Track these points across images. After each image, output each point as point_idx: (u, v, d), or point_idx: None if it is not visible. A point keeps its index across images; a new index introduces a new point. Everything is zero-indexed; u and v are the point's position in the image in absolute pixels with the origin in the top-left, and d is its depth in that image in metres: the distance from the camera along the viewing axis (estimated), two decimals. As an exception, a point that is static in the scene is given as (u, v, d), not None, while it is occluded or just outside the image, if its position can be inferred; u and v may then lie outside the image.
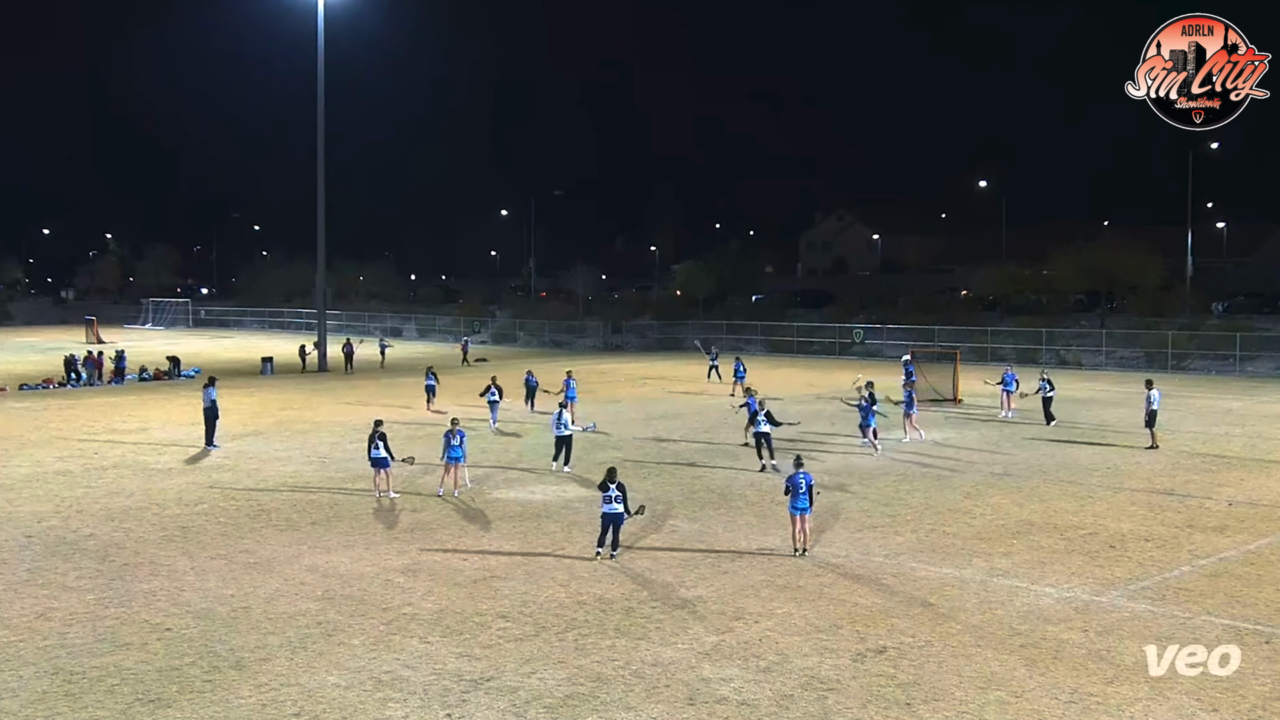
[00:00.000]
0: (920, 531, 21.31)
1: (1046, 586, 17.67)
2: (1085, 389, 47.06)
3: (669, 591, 17.52)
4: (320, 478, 27.19)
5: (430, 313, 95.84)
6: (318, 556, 19.68)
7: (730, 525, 21.96)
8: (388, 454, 24.39)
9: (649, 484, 26.00)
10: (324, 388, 49.45)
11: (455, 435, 24.70)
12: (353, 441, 31.98)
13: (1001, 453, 30.33)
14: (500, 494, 25.10)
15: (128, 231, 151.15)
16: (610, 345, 76.37)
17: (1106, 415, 38.27)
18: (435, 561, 19.29)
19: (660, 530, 21.52)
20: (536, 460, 29.31)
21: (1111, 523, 21.97)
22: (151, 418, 38.68)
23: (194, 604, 17.00)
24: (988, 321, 67.74)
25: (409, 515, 22.98)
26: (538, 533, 21.38)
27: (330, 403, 43.23)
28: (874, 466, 28.24)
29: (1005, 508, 23.38)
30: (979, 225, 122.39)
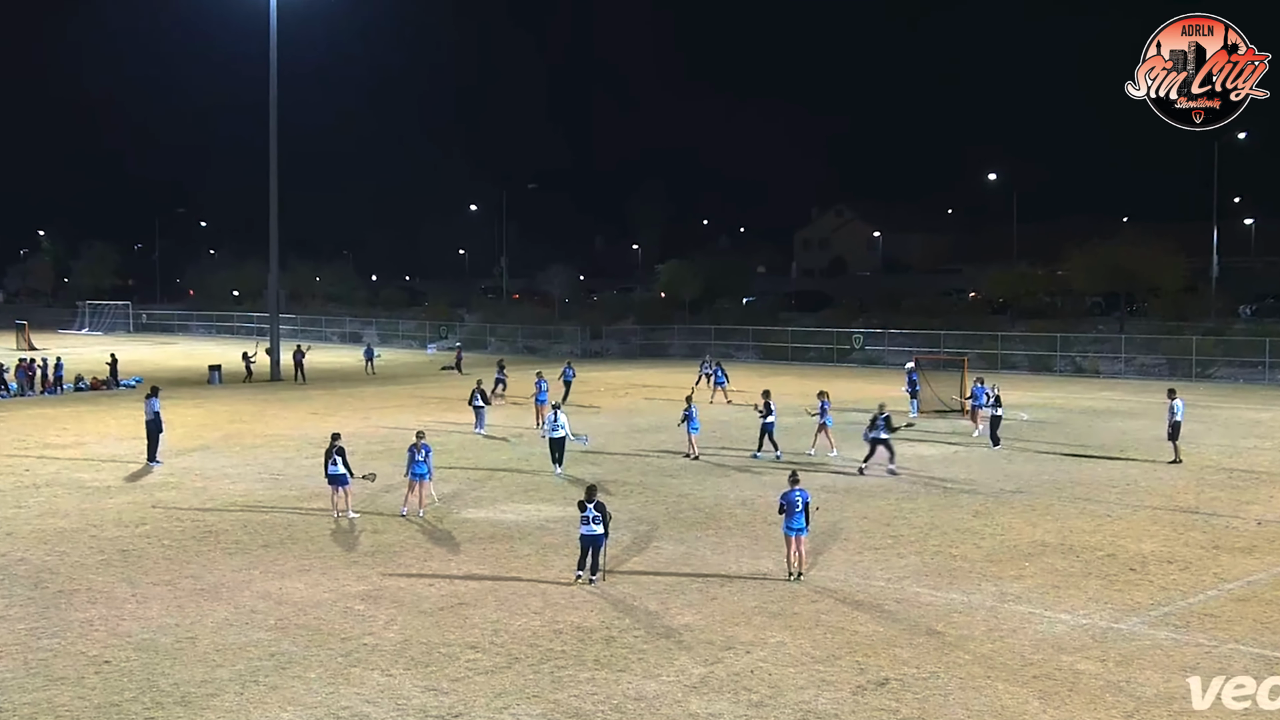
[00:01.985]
0: (925, 553, 21.37)
1: (1061, 613, 17.73)
2: (1103, 399, 47.29)
3: (653, 619, 17.52)
4: (273, 496, 27.11)
5: (393, 316, 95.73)
6: (270, 582, 19.62)
7: (720, 547, 21.97)
8: (346, 470, 24.32)
9: (631, 502, 26.01)
10: (276, 398, 49.32)
11: (420, 450, 24.65)
12: (308, 457, 31.89)
13: (1012, 468, 30.43)
14: (470, 513, 25.06)
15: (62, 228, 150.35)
16: (589, 351, 76.37)
17: (1126, 427, 38.45)
18: (398, 587, 19.25)
19: (644, 553, 21.53)
20: (519, 476, 29.31)
21: (1131, 543, 22.07)
22: (89, 431, 38.52)
23: (135, 634, 16.93)
24: (997, 326, 67.96)
25: (370, 537, 22.92)
26: (510, 556, 21.36)
27: (284, 414, 43.11)
28: (875, 484, 28.31)
29: (1017, 527, 23.46)
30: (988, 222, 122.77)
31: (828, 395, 33.56)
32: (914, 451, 32.88)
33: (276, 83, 58.41)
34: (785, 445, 32.92)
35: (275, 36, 57.75)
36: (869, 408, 43.54)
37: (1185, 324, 62.62)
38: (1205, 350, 56.86)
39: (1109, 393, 49.94)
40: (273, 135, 59.07)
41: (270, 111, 58.88)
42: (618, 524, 22.15)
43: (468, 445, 34.95)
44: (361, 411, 43.84)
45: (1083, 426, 38.70)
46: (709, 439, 35.11)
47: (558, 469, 29.91)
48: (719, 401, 44.98)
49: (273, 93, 58.61)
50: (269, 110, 58.96)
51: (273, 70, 58.23)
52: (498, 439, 36.27)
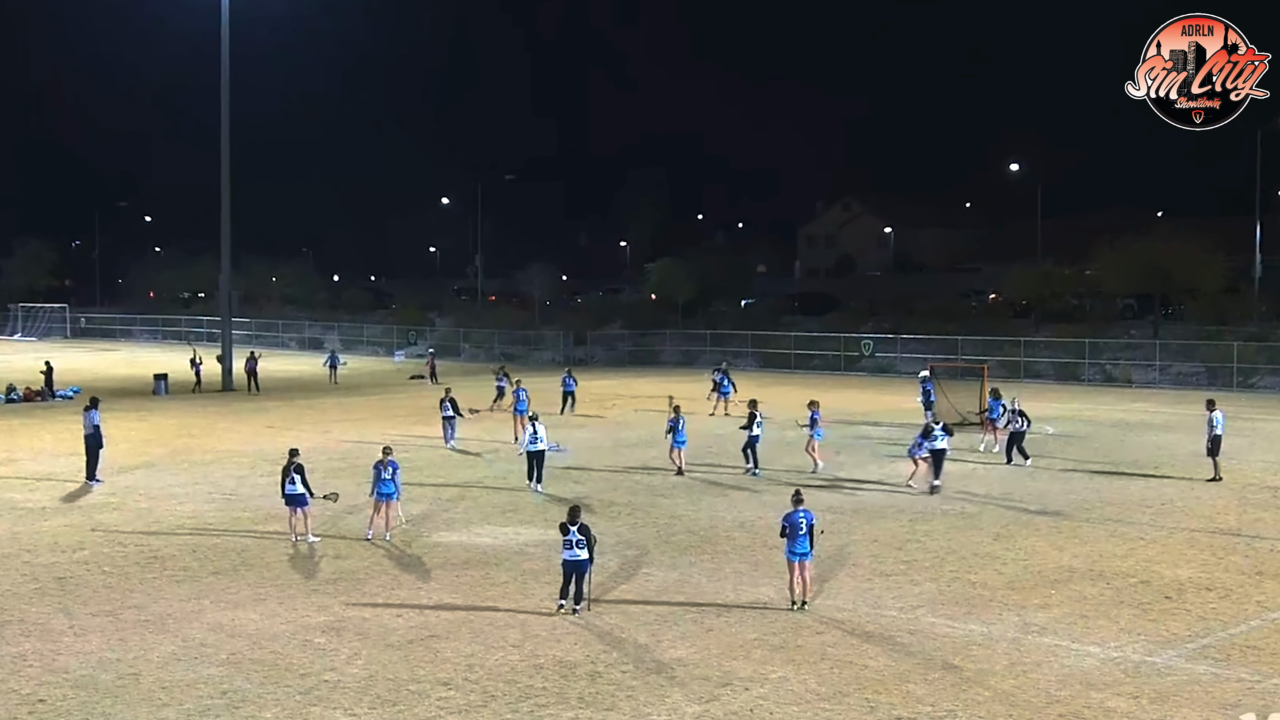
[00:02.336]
0: (941, 580, 21.39)
1: (1090, 645, 17.76)
2: (1136, 410, 47.39)
3: (643, 653, 17.51)
4: (225, 518, 27.05)
5: (357, 320, 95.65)
6: (222, 613, 19.57)
7: (716, 573, 21.97)
8: (306, 490, 24.28)
9: (619, 524, 26.00)
10: (229, 410, 49.23)
11: (387, 467, 24.62)
12: (263, 474, 31.84)
13: (1037, 487, 30.47)
14: (442, 536, 25.03)
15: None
16: (573, 358, 76.37)
17: (1161, 442, 38.52)
18: (363, 618, 19.22)
19: (633, 580, 21.52)
20: (496, 494, 29.29)
21: (1167, 569, 22.11)
22: (21, 447, 38.42)
23: (72, 670, 16.88)
24: (1020, 331, 67.97)
25: (332, 563, 22.89)
26: (486, 583, 21.33)
27: (236, 428, 43.04)
28: (886, 504, 28.34)
29: (1041, 551, 23.49)
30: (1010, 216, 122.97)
31: (818, 405, 33.67)
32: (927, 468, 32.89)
33: (229, 61, 58.32)
34: (781, 462, 32.91)
35: (227, 9, 57.70)
36: (880, 420, 43.87)
37: (1226, 328, 62.61)
38: (1247, 357, 56.99)
39: (1142, 404, 50.05)
40: (224, 120, 58.97)
41: (222, 94, 58.81)
42: (604, 548, 22.10)
43: (439, 461, 34.91)
44: (322, 425, 43.77)
45: (1114, 441, 38.77)
46: (701, 454, 35.11)
47: (536, 486, 30.00)
48: (719, 413, 45.01)
49: (224, 72, 58.52)
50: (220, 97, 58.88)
51: (224, 46, 58.10)
52: (471, 454, 36.25)
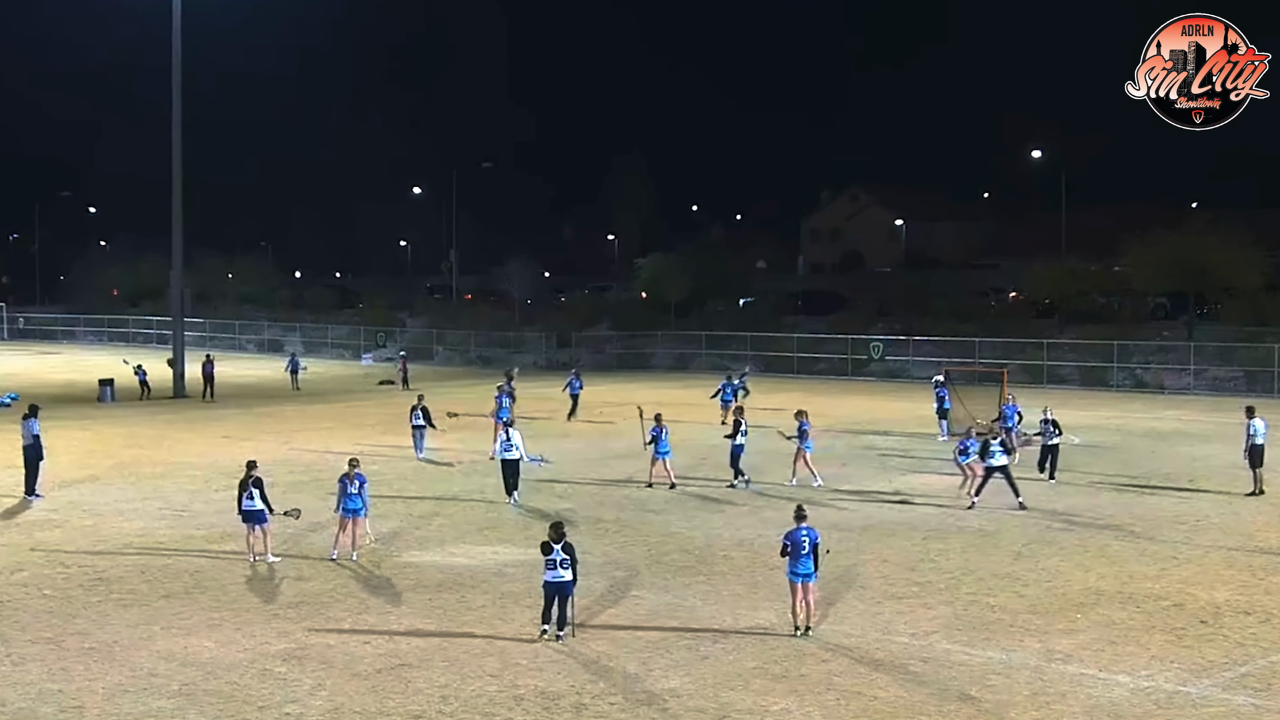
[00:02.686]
0: (957, 603, 21.43)
1: (1119, 674, 17.80)
2: (1168, 418, 47.48)
3: (632, 683, 17.53)
4: (177, 536, 27.01)
5: (320, 321, 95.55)
6: (173, 640, 19.55)
7: (712, 596, 21.99)
8: (265, 506, 24.24)
9: (606, 543, 26.00)
10: (181, 418, 49.18)
11: (353, 480, 24.59)
12: (219, 489, 31.81)
13: (1061, 502, 30.52)
14: (413, 556, 25.02)
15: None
16: (556, 363, 76.31)
17: (1196, 452, 38.61)
18: (328, 645, 19.21)
19: (621, 603, 21.53)
20: (473, 510, 29.29)
21: (1202, 591, 22.17)
22: (-46, 459, 38.33)
23: (10, 703, 16.84)
24: (1043, 332, 68.07)
25: (293, 585, 22.87)
26: (462, 607, 21.33)
27: (189, 438, 42.99)
28: (897, 521, 28.38)
29: (1065, 572, 23.54)
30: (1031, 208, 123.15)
31: (806, 415, 33.78)
32: (944, 482, 32.96)
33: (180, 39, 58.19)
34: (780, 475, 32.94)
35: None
36: (890, 429, 43.92)
37: (1266, 329, 62.78)
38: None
39: (1175, 411, 50.15)
40: (175, 103, 58.83)
41: (173, 74, 58.69)
42: (590, 568, 22.10)
43: (410, 474, 34.90)
44: (283, 434, 43.73)
45: (1144, 452, 38.85)
46: (695, 466, 35.12)
47: (513, 497, 30.19)
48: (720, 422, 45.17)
49: (175, 51, 58.36)
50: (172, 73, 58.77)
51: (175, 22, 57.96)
52: (445, 465, 36.24)
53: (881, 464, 36.73)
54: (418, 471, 35.46)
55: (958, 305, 78.26)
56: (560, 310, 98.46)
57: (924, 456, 37.88)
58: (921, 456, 37.91)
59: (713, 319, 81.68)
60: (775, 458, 34.74)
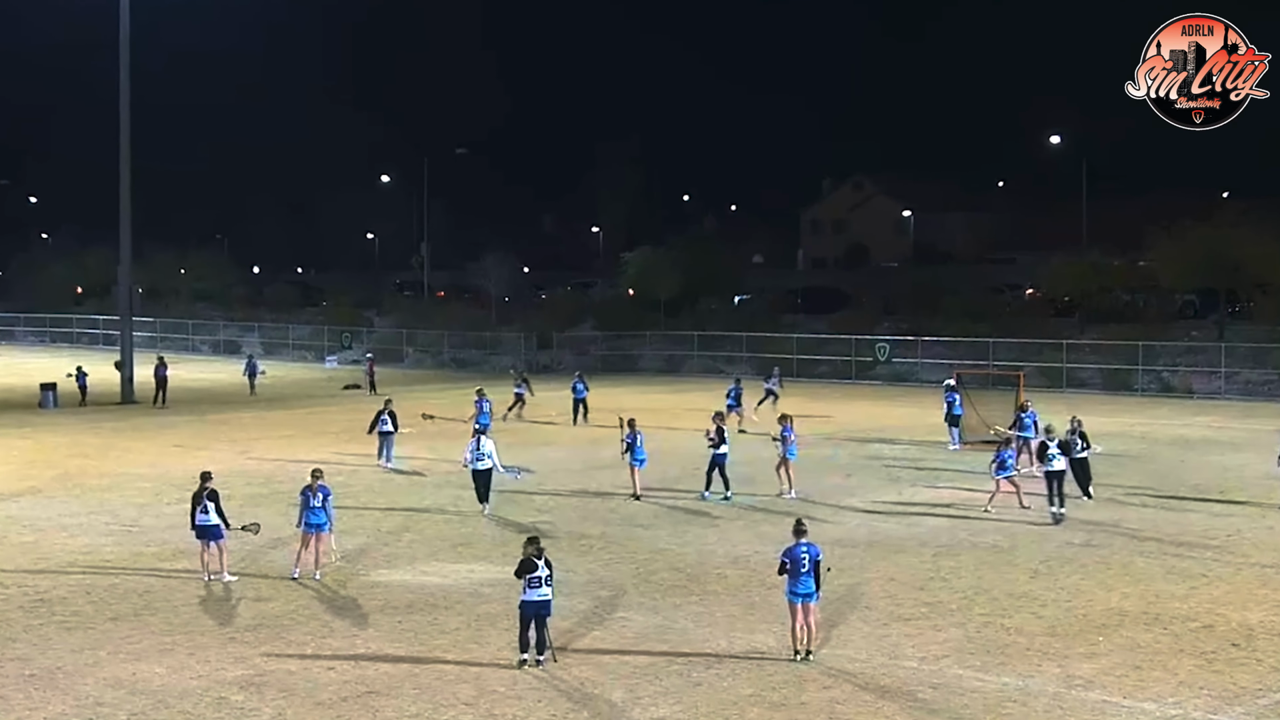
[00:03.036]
0: (969, 625, 21.44)
1: (1145, 701, 17.82)
2: (1198, 425, 47.53)
3: (618, 713, 17.51)
4: (125, 554, 26.96)
5: (281, 320, 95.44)
6: (121, 666, 19.50)
7: (705, 617, 21.98)
8: (220, 520, 24.21)
9: (591, 560, 25.99)
10: (129, 425, 49.09)
11: (316, 493, 24.57)
12: (170, 503, 31.74)
13: (1080, 515, 30.53)
14: (382, 575, 24.99)
15: None
16: (536, 365, 76.33)
17: (1227, 462, 38.66)
18: (288, 672, 19.18)
19: (606, 625, 21.51)
20: (446, 524, 29.26)
21: (1235, 612, 22.20)
22: (-117, 469, 38.26)
23: (-56, 734, 16.81)
24: (1063, 332, 68.11)
25: (251, 606, 22.83)
26: (434, 630, 21.31)
27: (138, 447, 42.93)
28: (905, 536, 28.39)
29: (1087, 591, 23.56)
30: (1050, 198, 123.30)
31: (791, 420, 33.90)
32: (957, 494, 33.00)
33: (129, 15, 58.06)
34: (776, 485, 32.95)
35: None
36: (897, 437, 43.95)
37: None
38: (1329, 363, 57.28)
39: (1205, 417, 50.20)
40: (124, 85, 58.71)
41: (121, 53, 58.53)
42: (573, 588, 22.15)
43: (378, 485, 34.86)
44: (240, 443, 43.68)
45: (1172, 461, 38.89)
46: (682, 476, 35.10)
47: (485, 508, 30.51)
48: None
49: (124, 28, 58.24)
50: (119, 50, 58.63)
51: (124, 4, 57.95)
52: (417, 475, 36.21)
53: (888, 475, 36.72)
54: (386, 483, 35.41)
55: (970, 303, 78.23)
56: (540, 308, 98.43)
57: (934, 467, 37.90)
58: (932, 467, 37.92)
59: (705, 318, 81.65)
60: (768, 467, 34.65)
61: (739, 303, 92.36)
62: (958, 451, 40.38)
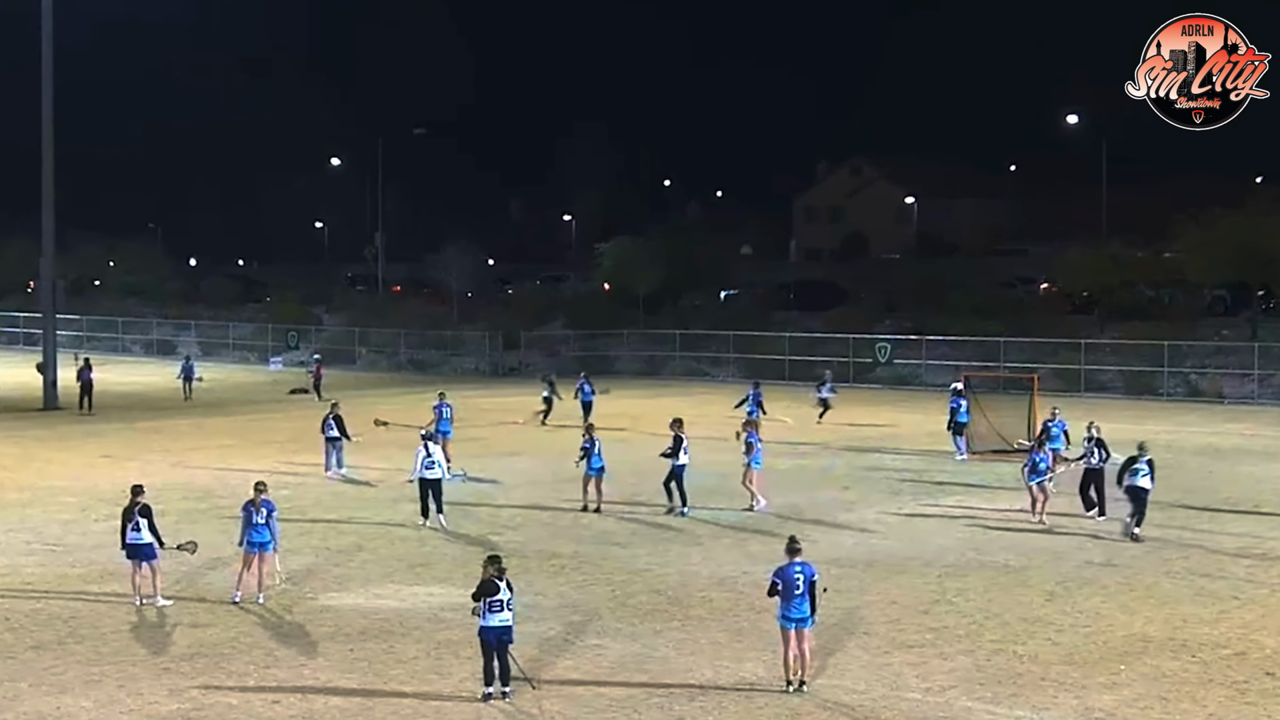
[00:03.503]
0: (979, 652, 21.48)
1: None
2: (1228, 433, 47.67)
3: (594, 748, 17.50)
4: (48, 575, 26.86)
5: (220, 318, 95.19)
6: (43, 699, 19.43)
7: (687, 645, 21.98)
8: (154, 538, 24.14)
9: (563, 582, 25.97)
10: (52, 434, 48.96)
11: (260, 509, 24.52)
12: (98, 518, 31.66)
13: (1101, 530, 30.61)
14: (332, 598, 24.95)
15: None
16: (502, 368, 76.22)
17: (1261, 473, 38.79)
18: (228, 705, 19.13)
19: (580, 654, 21.50)
20: (403, 543, 29.25)
21: (1269, 638, 22.27)
22: None
23: None
24: (1080, 331, 68.22)
25: (188, 633, 22.77)
26: (390, 659, 21.26)
27: (62, 457, 42.80)
28: (908, 554, 28.42)
29: (1108, 615, 23.62)
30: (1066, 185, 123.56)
31: (755, 427, 34.20)
32: (964, 508, 33.06)
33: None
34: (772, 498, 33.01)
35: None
36: (900, 446, 43.99)
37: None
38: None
39: (1237, 424, 50.34)
40: (46, 58, 58.51)
41: (43, 21, 58.36)
42: (543, 612, 22.12)
43: (328, 499, 34.79)
44: (175, 453, 43.57)
45: (1199, 472, 38.98)
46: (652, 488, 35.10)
47: (426, 522, 30.99)
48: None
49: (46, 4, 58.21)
50: (41, 19, 58.48)
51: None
52: (370, 487, 36.16)
53: (889, 487, 36.77)
54: (336, 496, 35.35)
55: (979, 299, 78.34)
56: (507, 305, 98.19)
57: (940, 479, 37.95)
58: (937, 479, 37.99)
59: (688, 316, 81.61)
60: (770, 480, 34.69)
61: (726, 298, 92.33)
62: (965, 462, 40.46)
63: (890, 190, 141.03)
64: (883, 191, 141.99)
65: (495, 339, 79.62)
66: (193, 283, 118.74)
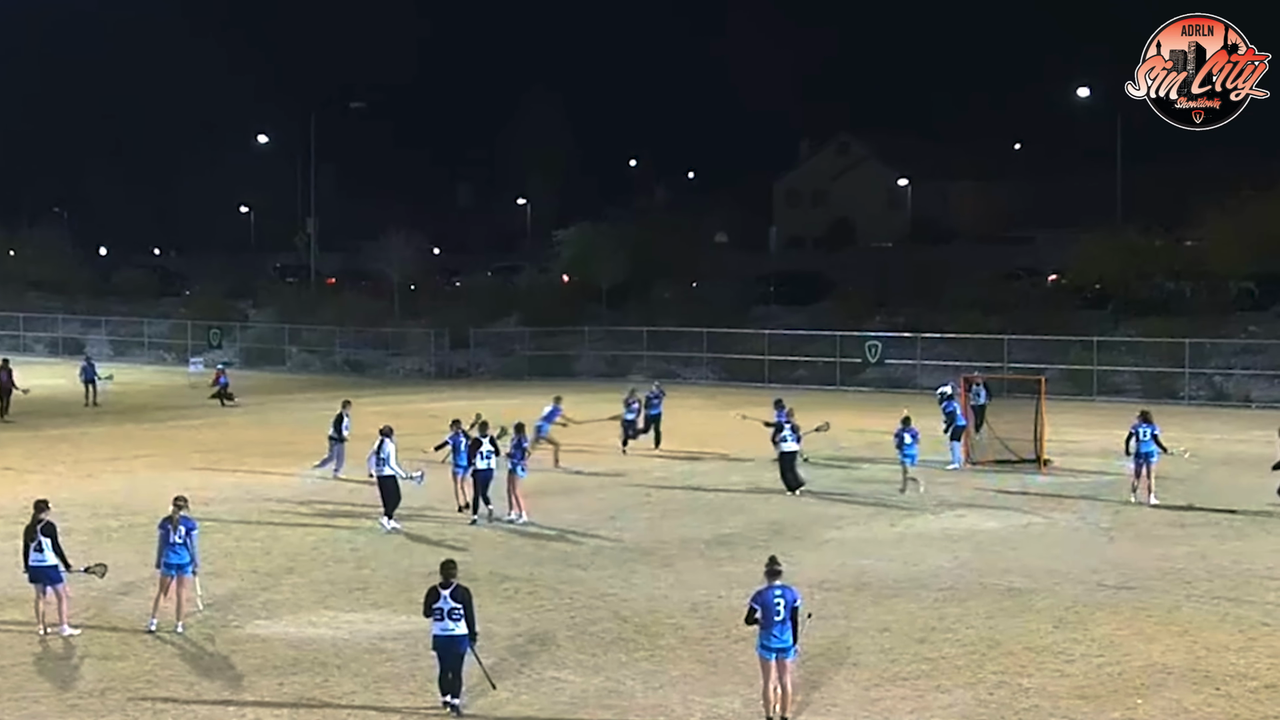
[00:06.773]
0: (981, 685, 21.54)
1: (1193, 776, 17.94)
2: (1256, 440, 47.79)
3: (552, 793, 17.53)
4: (-60, 602, 26.80)
5: (135, 313, 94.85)
6: (-64, 740, 19.39)
7: (656, 677, 22.00)
8: (59, 560, 24.06)
9: (516, 608, 25.98)
10: (-54, 445, 48.80)
11: (178, 527, 24.47)
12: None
13: (1115, 551, 30.70)
14: (259, 626, 24.91)
15: None
16: (448, 368, 76.21)
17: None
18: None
19: (536, 688, 21.51)
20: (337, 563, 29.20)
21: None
22: None
23: None
24: (1093, 327, 68.31)
25: (97, 665, 22.71)
26: (323, 693, 21.25)
27: (-43, 471, 42.68)
28: (902, 576, 28.47)
29: (1123, 643, 23.70)
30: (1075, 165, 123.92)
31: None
32: (965, 524, 33.15)
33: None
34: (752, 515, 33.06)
35: None
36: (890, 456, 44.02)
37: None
38: None
39: (1264, 431, 50.40)
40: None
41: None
42: (495, 639, 22.09)
43: (256, 516, 34.66)
44: (84, 465, 43.45)
45: (1224, 483, 39.11)
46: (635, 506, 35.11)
47: (385, 523, 31.98)
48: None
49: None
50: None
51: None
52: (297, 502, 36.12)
53: (881, 501, 36.82)
54: (265, 513, 35.25)
55: (979, 292, 78.48)
56: (454, 299, 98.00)
57: (937, 492, 37.96)
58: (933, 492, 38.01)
59: (657, 310, 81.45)
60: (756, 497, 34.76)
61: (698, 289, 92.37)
62: (959, 471, 40.49)
63: (881, 171, 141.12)
64: (872, 172, 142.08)
65: (441, 337, 79.58)
66: (103, 274, 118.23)
